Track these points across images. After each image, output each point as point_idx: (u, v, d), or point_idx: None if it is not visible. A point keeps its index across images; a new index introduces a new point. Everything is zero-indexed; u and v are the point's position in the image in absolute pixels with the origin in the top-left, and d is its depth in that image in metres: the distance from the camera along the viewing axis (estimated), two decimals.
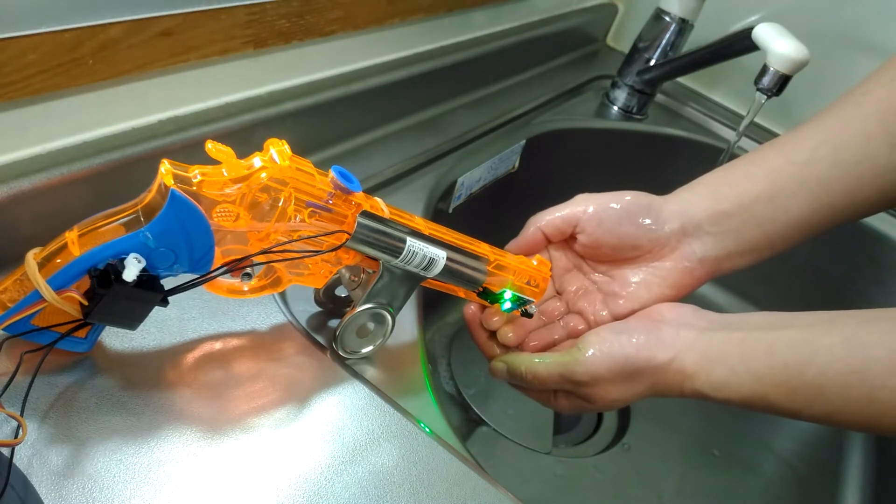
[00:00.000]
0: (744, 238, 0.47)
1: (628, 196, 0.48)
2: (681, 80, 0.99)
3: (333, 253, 0.40)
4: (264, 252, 0.37)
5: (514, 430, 0.69)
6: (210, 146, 0.35)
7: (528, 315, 0.51)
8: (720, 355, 0.41)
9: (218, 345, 0.42)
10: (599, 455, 0.72)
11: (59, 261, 0.34)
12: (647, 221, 0.47)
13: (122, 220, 0.35)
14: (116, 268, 0.33)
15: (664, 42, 0.85)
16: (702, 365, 0.42)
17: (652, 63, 0.86)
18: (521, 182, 0.81)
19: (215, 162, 0.36)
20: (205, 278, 0.36)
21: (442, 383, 0.71)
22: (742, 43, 0.71)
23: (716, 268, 0.48)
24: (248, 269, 0.40)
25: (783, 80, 0.67)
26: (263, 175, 0.36)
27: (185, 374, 0.40)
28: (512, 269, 0.48)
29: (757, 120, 0.91)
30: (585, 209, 0.48)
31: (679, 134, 0.93)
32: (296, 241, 0.38)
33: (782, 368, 0.39)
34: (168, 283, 0.36)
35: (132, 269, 0.33)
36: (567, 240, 0.50)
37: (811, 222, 0.46)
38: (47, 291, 0.33)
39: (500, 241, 0.49)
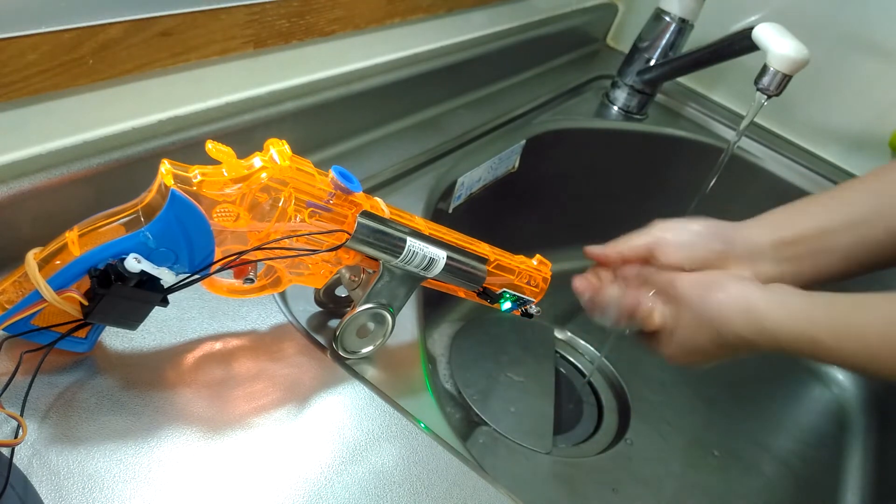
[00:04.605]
0: (799, 265, 0.52)
1: (701, 225, 0.53)
2: (681, 80, 0.99)
3: (333, 253, 0.40)
4: (262, 248, 0.37)
5: (514, 430, 0.69)
6: (210, 146, 0.35)
7: (529, 315, 0.51)
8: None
9: (218, 345, 0.42)
10: (599, 455, 0.72)
11: (58, 261, 0.34)
12: (720, 245, 0.52)
13: (122, 220, 0.35)
14: (116, 268, 0.33)
15: (664, 42, 0.85)
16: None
17: (652, 63, 0.86)
18: (521, 182, 0.81)
19: (215, 162, 0.36)
20: (203, 275, 0.36)
21: (442, 383, 0.71)
22: (742, 43, 0.71)
23: None
24: (251, 275, 0.40)
25: (783, 80, 0.67)
26: (263, 175, 0.36)
27: (185, 374, 0.40)
28: (512, 269, 0.48)
29: (757, 120, 0.91)
30: (664, 236, 0.53)
31: (679, 134, 0.93)
32: (291, 237, 0.38)
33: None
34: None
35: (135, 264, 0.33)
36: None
37: (857, 257, 0.51)
38: (47, 291, 0.33)
39: (500, 242, 0.49)
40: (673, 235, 0.53)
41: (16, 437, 0.32)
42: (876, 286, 0.45)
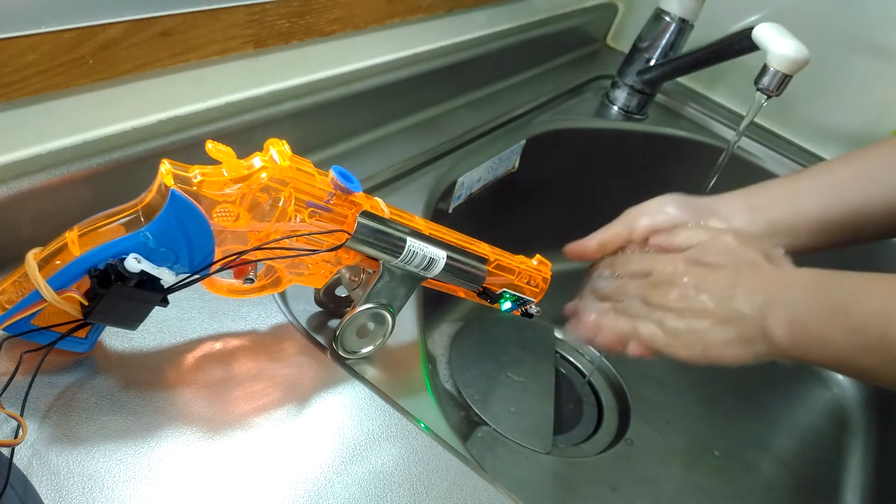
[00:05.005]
0: (774, 226, 0.53)
1: (673, 203, 0.53)
2: (681, 80, 0.99)
3: (333, 253, 0.40)
4: (262, 248, 0.37)
5: (514, 430, 0.69)
6: (210, 146, 0.35)
7: (529, 315, 0.51)
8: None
9: (218, 345, 0.42)
10: (599, 455, 0.72)
11: (58, 261, 0.34)
12: (696, 219, 0.53)
13: (122, 220, 0.35)
14: (116, 268, 0.33)
15: (664, 42, 0.85)
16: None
17: (652, 63, 0.86)
18: (521, 182, 0.81)
19: (215, 162, 0.36)
20: (203, 275, 0.36)
21: (442, 383, 0.71)
22: (742, 43, 0.71)
23: None
24: (251, 275, 0.40)
25: (783, 80, 0.67)
26: (263, 175, 0.36)
27: (185, 374, 0.40)
28: (512, 269, 0.48)
29: (757, 120, 0.91)
30: (639, 221, 0.53)
31: (679, 134, 0.93)
32: (291, 237, 0.38)
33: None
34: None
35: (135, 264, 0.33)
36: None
37: (830, 226, 0.52)
38: (47, 291, 0.33)
39: (500, 241, 0.49)
40: (649, 219, 0.53)
41: (16, 437, 0.32)
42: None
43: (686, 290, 0.47)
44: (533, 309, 0.51)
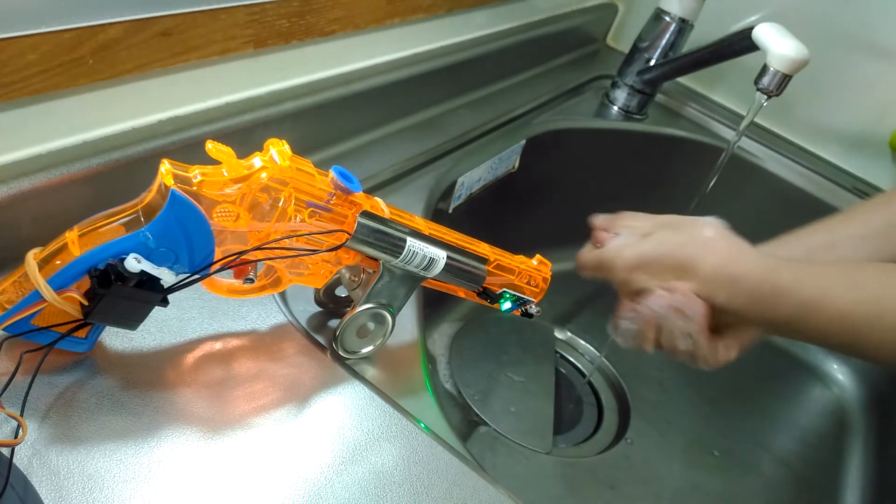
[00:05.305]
0: None
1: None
2: (681, 80, 0.99)
3: (333, 253, 0.40)
4: (262, 248, 0.37)
5: (514, 430, 0.69)
6: (210, 146, 0.35)
7: (529, 315, 0.51)
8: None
9: (218, 345, 0.42)
10: (599, 455, 0.72)
11: (58, 261, 0.34)
12: None
13: (122, 220, 0.35)
14: (116, 268, 0.33)
15: (664, 42, 0.85)
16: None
17: (652, 63, 0.86)
18: (521, 182, 0.81)
19: (215, 162, 0.36)
20: (203, 275, 0.36)
21: (442, 383, 0.71)
22: (742, 43, 0.71)
23: None
24: (251, 275, 0.40)
25: (783, 80, 0.67)
26: (263, 175, 0.36)
27: (185, 374, 0.40)
28: (512, 269, 0.48)
29: (757, 120, 0.91)
30: None
31: (679, 134, 0.93)
32: (291, 237, 0.38)
33: None
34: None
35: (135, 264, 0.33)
36: None
37: None
38: (47, 291, 0.33)
39: (500, 241, 0.49)
40: None
41: (16, 437, 0.32)
42: None
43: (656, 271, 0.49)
44: (533, 309, 0.51)
